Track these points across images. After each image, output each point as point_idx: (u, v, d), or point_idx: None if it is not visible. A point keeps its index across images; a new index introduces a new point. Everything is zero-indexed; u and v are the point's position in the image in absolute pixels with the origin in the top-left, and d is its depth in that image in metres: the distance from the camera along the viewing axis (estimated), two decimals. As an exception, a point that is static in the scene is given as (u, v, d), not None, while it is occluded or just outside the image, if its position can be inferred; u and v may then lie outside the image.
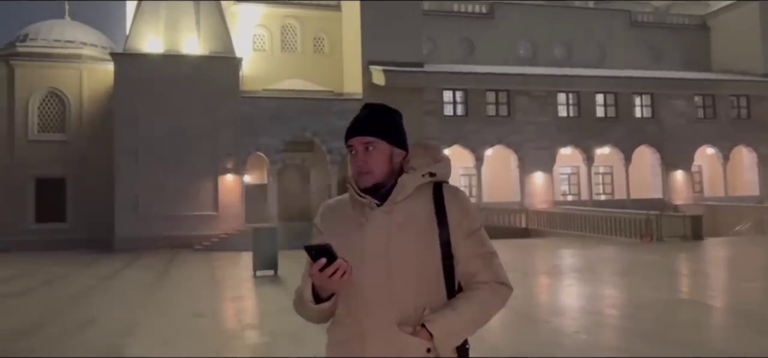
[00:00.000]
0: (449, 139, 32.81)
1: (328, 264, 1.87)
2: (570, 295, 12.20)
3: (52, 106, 32.08)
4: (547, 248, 23.53)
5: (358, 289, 1.98)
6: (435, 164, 2.15)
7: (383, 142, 2.08)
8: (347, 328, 2.03)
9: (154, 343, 7.94)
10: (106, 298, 12.97)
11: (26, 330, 9.01)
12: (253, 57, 35.04)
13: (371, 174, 2.06)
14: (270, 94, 31.96)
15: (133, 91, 28.64)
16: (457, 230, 2.07)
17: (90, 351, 7.52)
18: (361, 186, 2.06)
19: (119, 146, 28.66)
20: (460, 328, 2.01)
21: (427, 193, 2.10)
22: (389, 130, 2.10)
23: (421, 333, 1.95)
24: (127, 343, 7.81)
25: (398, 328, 1.97)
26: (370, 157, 2.06)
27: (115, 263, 20.82)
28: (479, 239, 2.11)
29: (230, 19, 33.11)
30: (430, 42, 35.32)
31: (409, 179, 2.08)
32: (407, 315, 1.98)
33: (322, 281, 1.91)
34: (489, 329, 8.60)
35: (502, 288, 2.08)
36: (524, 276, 15.43)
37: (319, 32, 36.48)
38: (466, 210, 2.11)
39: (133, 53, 29.68)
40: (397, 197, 2.06)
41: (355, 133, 2.08)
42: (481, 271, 2.07)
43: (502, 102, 34.13)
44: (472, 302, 2.03)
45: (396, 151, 2.12)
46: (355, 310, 2.01)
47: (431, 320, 1.96)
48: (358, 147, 2.07)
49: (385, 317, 1.98)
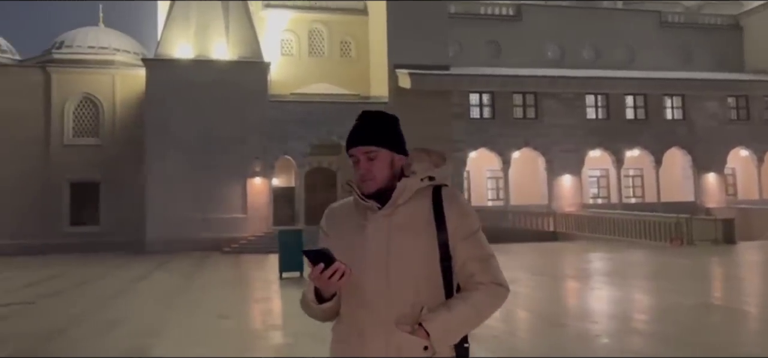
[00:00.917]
0: (476, 141, 32.75)
1: (327, 267, 1.96)
2: (596, 299, 12.10)
3: (87, 111, 32.85)
4: (574, 251, 23.32)
5: (358, 289, 2.07)
6: (434, 169, 2.22)
7: (385, 150, 2.15)
8: (349, 326, 2.12)
9: (179, 344, 8.12)
10: (135, 299, 13.27)
11: (57, 330, 9.29)
12: (281, 61, 35.42)
13: (374, 181, 2.15)
14: (297, 99, 32.30)
15: (163, 96, 29.19)
16: (456, 233, 2.14)
17: (117, 351, 7.73)
18: (364, 192, 2.15)
19: (150, 150, 29.23)
20: (456, 327, 2.08)
21: (427, 196, 2.17)
22: (390, 138, 2.18)
23: (418, 332, 2.04)
24: (153, 343, 8.00)
25: (397, 327, 2.04)
26: (373, 166, 2.15)
27: (146, 265, 21.25)
28: (477, 241, 2.17)
29: (258, 25, 33.53)
30: (457, 45, 35.26)
31: (408, 183, 2.15)
32: (406, 314, 2.05)
33: (322, 283, 2.01)
34: (511, 331, 8.63)
35: (498, 289, 2.15)
36: (552, 279, 15.36)
37: (345, 36, 36.72)
38: (464, 213, 2.18)
39: (163, 59, 30.27)
40: (398, 201, 2.14)
41: (356, 142, 2.16)
42: (479, 272, 2.14)
43: (529, 104, 33.92)
44: (469, 303, 2.10)
45: (396, 157, 2.20)
46: (356, 309, 2.09)
47: (428, 320, 2.04)
48: (360, 156, 2.15)
49: (384, 316, 2.06)
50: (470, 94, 33.20)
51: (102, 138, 32.62)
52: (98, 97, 32.72)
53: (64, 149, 32.12)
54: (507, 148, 33.11)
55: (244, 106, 29.72)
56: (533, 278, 15.79)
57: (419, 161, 2.25)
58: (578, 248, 24.26)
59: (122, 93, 32.86)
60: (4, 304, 12.42)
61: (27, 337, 8.76)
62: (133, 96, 32.46)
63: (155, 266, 20.83)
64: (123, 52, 34.26)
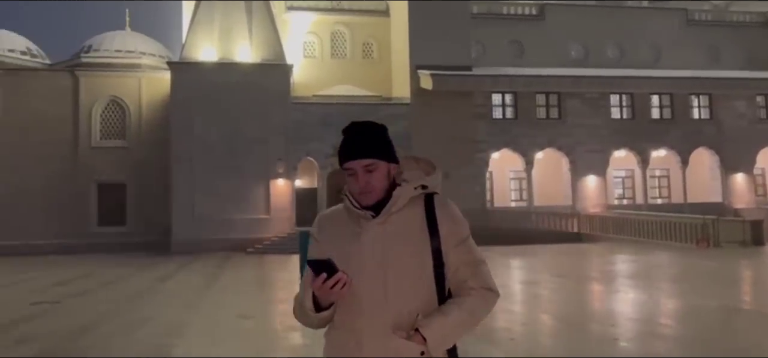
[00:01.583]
0: (498, 142, 32.63)
1: (329, 277, 2.01)
2: (618, 301, 11.99)
3: (114, 113, 33.42)
4: (598, 253, 23.12)
5: (355, 296, 2.11)
6: (426, 177, 2.25)
7: (383, 161, 2.19)
8: (345, 333, 2.16)
9: (200, 343, 8.26)
10: (159, 299, 13.51)
11: (82, 329, 9.51)
12: (304, 64, 35.67)
13: (374, 192, 2.17)
14: (319, 100, 32.50)
15: (188, 99, 29.59)
16: (448, 239, 2.18)
17: (139, 350, 7.89)
18: (363, 204, 2.18)
19: (175, 152, 29.65)
20: (451, 331, 2.13)
21: (419, 204, 2.21)
22: (385, 149, 2.21)
23: (415, 337, 2.08)
24: (175, 343, 8.15)
25: (393, 332, 2.09)
26: (372, 178, 2.17)
27: (171, 266, 21.57)
28: (468, 247, 2.22)
29: (281, 27, 33.80)
30: (479, 45, 35.13)
31: (402, 192, 2.19)
32: (401, 320, 2.10)
33: (324, 293, 2.06)
34: (528, 333, 8.60)
35: (489, 294, 2.20)
36: (574, 281, 15.23)
37: (368, 38, 36.84)
38: (455, 220, 2.22)
39: (188, 62, 30.68)
40: (392, 209, 2.17)
41: (353, 155, 2.18)
42: (470, 278, 2.19)
43: (552, 104, 33.70)
44: (462, 308, 2.15)
45: (392, 167, 2.23)
46: (353, 316, 2.13)
47: (424, 325, 2.08)
48: (358, 169, 2.17)
49: (380, 322, 2.10)
50: (493, 94, 33.11)
51: (129, 140, 33.15)
52: (125, 100, 33.26)
53: (92, 151, 32.71)
54: (530, 149, 32.92)
55: (267, 108, 29.99)
56: (555, 279, 15.70)
57: (409, 169, 2.28)
58: (602, 250, 24.04)
59: (148, 96, 33.36)
60: (32, 303, 12.73)
61: (52, 336, 8.98)
62: (159, 98, 32.92)
63: (180, 266, 21.14)
64: (149, 56, 34.81)
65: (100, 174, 32.44)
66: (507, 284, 16.01)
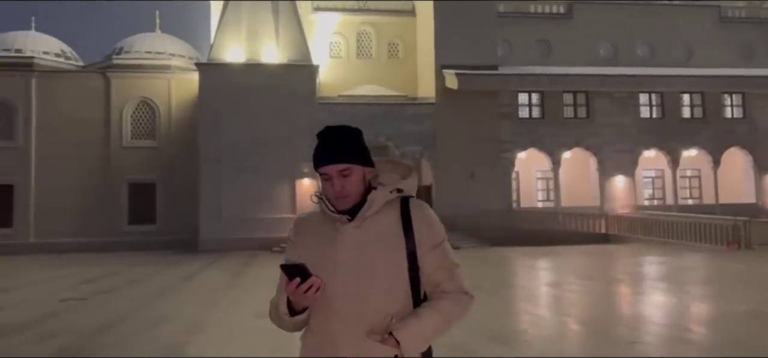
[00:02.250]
0: (524, 142, 32.36)
1: (303, 281, 2.03)
2: (642, 303, 11.81)
3: (144, 114, 34.04)
4: (626, 254, 22.78)
5: (329, 299, 2.13)
6: (403, 180, 2.26)
7: (358, 166, 2.20)
8: (320, 336, 2.18)
9: (216, 341, 8.37)
10: (182, 297, 13.72)
11: (104, 327, 9.71)
12: (330, 64, 35.85)
13: (350, 197, 2.19)
14: (345, 101, 32.64)
15: (215, 99, 29.99)
16: (423, 243, 2.19)
17: (156, 348, 8.03)
18: (339, 208, 2.19)
19: (203, 152, 30.06)
20: (425, 335, 2.14)
21: (395, 207, 2.22)
22: (359, 153, 2.22)
23: (388, 341, 2.10)
24: (192, 340, 8.28)
25: (367, 336, 2.10)
26: (347, 183, 2.19)
27: (197, 264, 21.88)
28: (443, 251, 2.22)
29: (308, 28, 34.03)
30: (506, 44, 34.87)
31: (378, 196, 2.20)
32: (376, 323, 2.11)
33: (297, 297, 2.08)
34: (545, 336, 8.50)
35: (464, 297, 2.21)
36: (598, 283, 15.02)
37: (393, 38, 36.87)
38: (431, 224, 2.23)
39: (215, 63, 31.08)
40: (367, 213, 2.19)
41: (328, 161, 2.19)
42: (445, 281, 2.20)
43: (580, 104, 33.30)
44: (436, 311, 2.16)
45: (367, 171, 2.24)
46: (327, 319, 2.15)
47: (398, 328, 2.10)
48: (333, 174, 2.19)
49: (354, 325, 2.12)
50: (519, 93, 32.83)
51: (158, 140, 33.73)
52: (155, 101, 33.86)
53: (122, 151, 33.37)
54: (557, 149, 32.57)
55: (293, 108, 30.22)
56: (579, 281, 15.52)
57: (386, 173, 2.29)
58: (630, 251, 23.67)
59: (177, 96, 33.91)
60: (61, 300, 13.05)
61: (75, 332, 9.19)
62: (188, 99, 33.42)
63: (206, 265, 21.42)
64: (178, 57, 35.34)
65: (131, 173, 33.07)
66: (528, 286, 15.89)
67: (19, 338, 8.97)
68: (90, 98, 33.24)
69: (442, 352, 7.14)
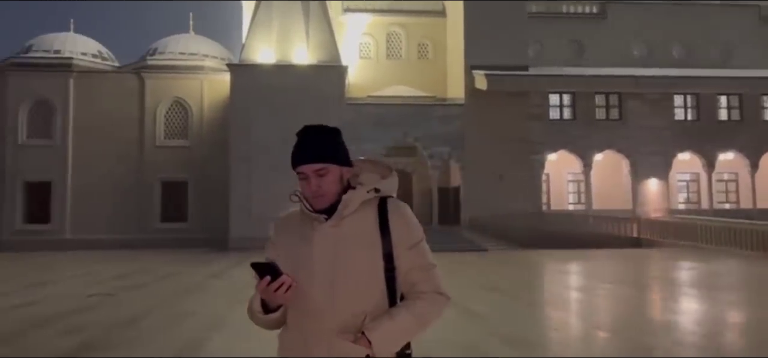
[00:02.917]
0: (555, 143, 31.99)
1: (273, 280, 2.03)
2: (669, 310, 11.52)
3: (177, 114, 34.64)
4: (659, 259, 22.35)
5: (304, 298, 2.13)
6: (381, 180, 2.24)
7: (334, 165, 2.19)
8: (294, 334, 2.19)
9: (234, 338, 8.45)
10: (207, 295, 13.90)
11: (127, 322, 9.90)
12: (360, 65, 35.97)
13: (326, 196, 2.19)
14: (373, 101, 32.70)
15: (246, 100, 30.35)
16: (400, 243, 2.18)
17: (177, 344, 8.16)
18: (316, 207, 2.19)
19: (234, 152, 30.44)
20: (398, 335, 2.12)
21: (373, 207, 2.21)
22: (337, 153, 2.21)
23: (361, 340, 2.09)
24: (211, 337, 8.38)
25: (340, 335, 2.09)
26: (323, 182, 2.18)
27: (225, 262, 22.16)
28: (420, 251, 2.21)
29: (338, 29, 34.20)
30: (537, 45, 34.53)
31: (354, 196, 2.19)
32: (349, 323, 2.11)
33: (269, 296, 2.08)
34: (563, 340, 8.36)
35: (439, 298, 2.19)
36: (626, 288, 14.70)
37: (423, 39, 36.82)
38: (408, 224, 2.21)
39: (247, 64, 31.46)
40: (344, 212, 2.18)
41: (305, 160, 2.19)
42: (421, 281, 2.18)
43: (612, 105, 32.77)
44: (410, 311, 2.15)
45: (344, 170, 2.23)
46: (302, 317, 2.16)
47: (371, 328, 2.09)
48: (309, 173, 2.19)
49: (328, 324, 2.11)
50: (550, 94, 32.47)
51: (190, 140, 34.28)
52: (187, 101, 34.42)
53: (156, 150, 34.00)
54: (588, 151, 32.11)
55: (321, 108, 30.34)
56: (608, 286, 15.25)
57: (366, 172, 2.28)
58: (663, 256, 23.21)
59: (209, 97, 34.42)
60: (89, 295, 13.35)
61: (97, 327, 9.38)
62: (220, 99, 33.89)
63: (234, 263, 21.65)
64: (211, 58, 35.86)
65: (164, 172, 33.67)
66: (554, 289, 15.69)
67: (46, 331, 9.20)
68: (125, 98, 33.97)
69: (455, 352, 7.11)
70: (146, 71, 34.61)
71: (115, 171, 33.23)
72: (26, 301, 12.67)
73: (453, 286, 11.42)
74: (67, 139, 33.37)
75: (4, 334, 9.05)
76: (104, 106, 33.50)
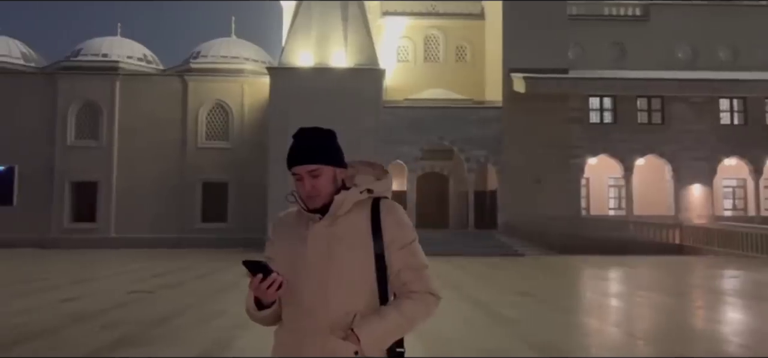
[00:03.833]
0: (595, 147, 31.48)
1: (265, 278, 2.12)
2: (704, 319, 11.27)
3: (218, 116, 35.35)
4: (702, 267, 21.77)
5: (297, 295, 2.21)
6: (375, 182, 2.31)
7: (327, 166, 2.27)
8: (289, 332, 2.27)
9: (260, 337, 8.59)
10: (240, 294, 14.11)
11: (162, 319, 10.19)
12: (397, 68, 36.08)
13: (319, 197, 2.26)
14: (411, 104, 32.76)
15: (285, 102, 30.75)
16: (392, 243, 2.24)
17: (206, 341, 8.37)
18: (310, 207, 2.27)
19: (272, 154, 30.82)
20: (386, 333, 2.18)
21: (366, 207, 2.27)
22: (330, 154, 2.29)
23: (351, 337, 2.15)
24: (239, 336, 8.56)
25: (331, 332, 2.17)
26: (317, 182, 2.26)
27: (262, 262, 22.44)
28: (412, 251, 2.26)
29: (376, 32, 34.38)
30: (578, 47, 34.03)
31: (347, 196, 2.26)
32: (340, 320, 2.18)
33: (261, 293, 2.17)
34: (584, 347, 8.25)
35: (429, 298, 2.25)
36: (666, 296, 14.35)
37: (461, 41, 36.71)
38: (400, 224, 2.27)
39: (286, 67, 31.90)
40: (338, 212, 2.25)
41: (299, 161, 2.27)
42: (412, 281, 2.24)
43: (655, 109, 32.08)
44: (400, 310, 2.21)
45: (338, 171, 2.31)
46: (295, 314, 2.24)
47: (359, 326, 2.15)
48: (304, 174, 2.27)
49: (319, 321, 2.19)
50: (590, 98, 31.96)
51: (231, 141, 34.94)
52: (228, 104, 35.11)
53: (197, 152, 34.76)
54: (629, 155, 31.49)
55: (359, 111, 30.61)
56: (643, 293, 14.95)
57: (362, 174, 2.35)
58: (706, 264, 22.61)
59: (250, 99, 35.03)
60: (129, 292, 13.77)
61: (135, 324, 9.69)
62: (259, 102, 34.45)
63: (270, 264, 21.93)
64: (251, 61, 36.50)
65: (205, 173, 34.40)
66: (589, 296, 15.46)
67: (87, 326, 9.55)
68: (168, 100, 34.83)
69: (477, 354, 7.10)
70: (189, 74, 35.43)
71: (158, 172, 34.10)
72: (73, 295, 13.18)
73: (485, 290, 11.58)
74: (112, 140, 34.40)
75: (51, 326, 9.45)
76: (148, 108, 34.43)
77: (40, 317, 10.40)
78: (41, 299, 12.88)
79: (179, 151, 34.71)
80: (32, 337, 8.60)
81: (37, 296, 13.46)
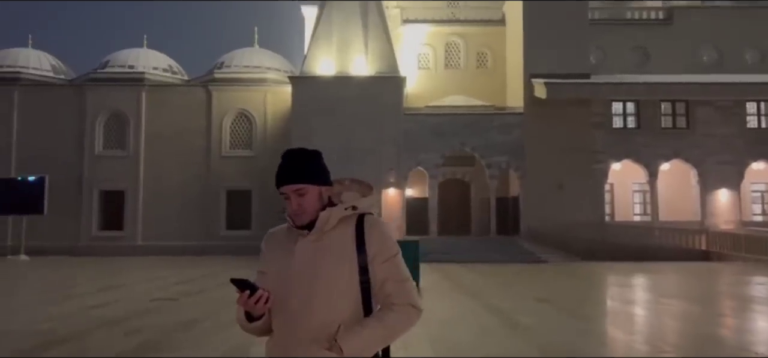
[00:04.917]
0: (619, 152, 31.19)
1: (252, 293, 2.26)
2: (724, 327, 11.14)
3: (241, 125, 35.83)
4: (729, 273, 21.44)
5: (284, 308, 2.34)
6: (360, 199, 2.43)
7: (313, 185, 2.40)
8: (277, 341, 2.40)
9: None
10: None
11: (183, 326, 10.41)
12: (418, 75, 36.20)
13: (305, 214, 2.39)
14: (431, 111, 32.85)
15: (307, 110, 31.08)
16: (375, 257, 2.35)
17: (225, 348, 8.55)
18: (298, 223, 2.41)
19: (294, 161, 31.14)
20: (368, 344, 2.29)
21: (351, 223, 2.40)
22: (315, 174, 2.41)
23: (334, 348, 2.27)
24: (255, 341, 8.69)
25: (316, 342, 2.29)
26: (303, 201, 2.39)
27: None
28: (394, 265, 2.37)
29: (396, 40, 34.56)
30: (600, 51, 33.80)
31: (332, 213, 2.39)
32: (325, 331, 2.29)
33: (250, 307, 2.31)
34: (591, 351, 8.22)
35: (411, 309, 2.35)
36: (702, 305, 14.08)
37: (482, 48, 36.70)
38: (383, 238, 2.39)
39: (307, 76, 32.24)
40: (324, 228, 2.38)
41: (286, 181, 2.40)
42: (395, 293, 2.35)
43: (679, 113, 31.67)
44: (382, 322, 2.32)
45: (324, 189, 2.43)
46: (282, 326, 2.37)
47: (342, 336, 2.27)
48: (290, 193, 2.39)
49: (305, 333, 2.31)
50: (613, 103, 31.67)
51: (254, 150, 35.37)
52: (252, 112, 35.56)
53: (221, 160, 35.26)
54: (654, 160, 31.13)
55: (380, 119, 30.79)
56: (668, 301, 14.79)
57: (348, 191, 2.47)
58: (733, 270, 22.26)
59: (272, 108, 35.45)
60: (152, 299, 14.05)
61: (156, 330, 9.92)
62: (282, 110, 34.82)
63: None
64: (273, 71, 36.92)
65: (229, 181, 34.87)
66: (611, 303, 15.35)
67: (111, 331, 9.81)
68: (193, 110, 35.41)
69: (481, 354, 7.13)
70: (213, 84, 35.98)
71: (184, 180, 34.66)
72: (99, 302, 13.50)
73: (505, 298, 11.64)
74: (139, 149, 35.07)
75: (77, 332, 9.74)
76: (174, 118, 35.04)
77: (66, 323, 10.70)
78: (69, 306, 13.23)
79: (204, 159, 35.25)
80: (58, 342, 8.87)
81: (65, 303, 13.82)
